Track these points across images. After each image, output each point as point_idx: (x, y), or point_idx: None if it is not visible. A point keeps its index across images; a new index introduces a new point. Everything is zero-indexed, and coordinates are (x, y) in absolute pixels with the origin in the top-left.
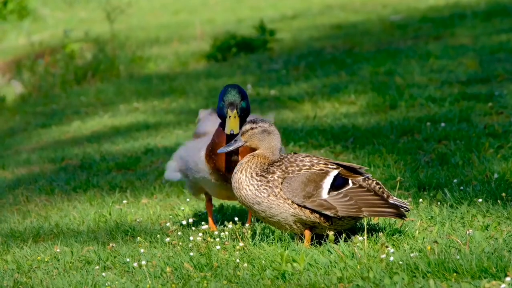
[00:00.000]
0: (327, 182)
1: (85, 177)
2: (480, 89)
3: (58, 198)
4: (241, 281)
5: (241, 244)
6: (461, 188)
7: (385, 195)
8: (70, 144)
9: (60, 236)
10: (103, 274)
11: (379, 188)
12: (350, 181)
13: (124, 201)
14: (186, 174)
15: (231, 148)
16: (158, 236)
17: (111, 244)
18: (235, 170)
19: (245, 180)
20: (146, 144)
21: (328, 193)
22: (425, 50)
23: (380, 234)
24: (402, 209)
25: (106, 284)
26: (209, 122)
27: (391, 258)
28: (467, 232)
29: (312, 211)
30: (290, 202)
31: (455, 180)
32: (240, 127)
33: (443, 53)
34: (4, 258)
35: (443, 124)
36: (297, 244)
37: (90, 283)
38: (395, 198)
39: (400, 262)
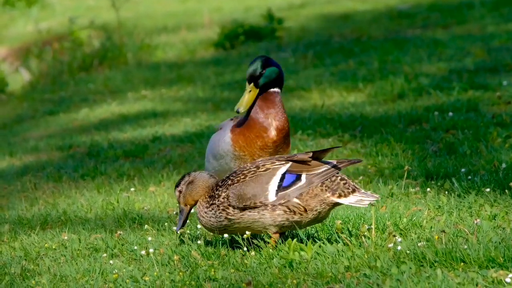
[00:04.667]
0: (274, 182)
1: (93, 165)
2: (488, 78)
3: (65, 186)
4: (249, 269)
5: (248, 232)
6: (469, 177)
7: (350, 189)
8: (78, 132)
9: (68, 223)
10: (111, 261)
11: (344, 183)
12: (303, 176)
13: (132, 189)
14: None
15: (182, 222)
16: (166, 224)
17: (118, 232)
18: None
19: (206, 219)
20: (154, 132)
21: (277, 193)
22: (433, 39)
23: (388, 223)
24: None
25: (114, 271)
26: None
27: (399, 247)
28: (475, 222)
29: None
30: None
31: (463, 170)
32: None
33: (451, 42)
34: (12, 245)
35: (451, 114)
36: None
37: (97, 270)
38: (362, 191)
39: (408, 251)
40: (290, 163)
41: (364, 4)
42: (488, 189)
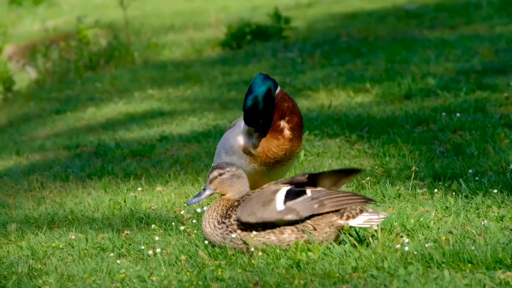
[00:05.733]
0: (280, 195)
1: (100, 164)
2: (495, 79)
3: (73, 185)
4: (256, 269)
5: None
6: (476, 178)
7: (357, 210)
8: (85, 131)
9: (75, 223)
10: (118, 261)
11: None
12: (308, 191)
13: (139, 189)
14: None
15: (202, 198)
16: (173, 224)
17: (125, 232)
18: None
19: (211, 232)
20: (161, 132)
21: (285, 203)
22: (440, 39)
23: (395, 224)
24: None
25: (121, 271)
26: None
27: (406, 248)
28: (482, 223)
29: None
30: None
31: (470, 171)
32: (263, 120)
33: (458, 43)
34: (19, 244)
35: (458, 114)
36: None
37: (104, 270)
38: (370, 210)
39: (415, 253)
40: (293, 185)
41: (371, 3)
42: (495, 190)
